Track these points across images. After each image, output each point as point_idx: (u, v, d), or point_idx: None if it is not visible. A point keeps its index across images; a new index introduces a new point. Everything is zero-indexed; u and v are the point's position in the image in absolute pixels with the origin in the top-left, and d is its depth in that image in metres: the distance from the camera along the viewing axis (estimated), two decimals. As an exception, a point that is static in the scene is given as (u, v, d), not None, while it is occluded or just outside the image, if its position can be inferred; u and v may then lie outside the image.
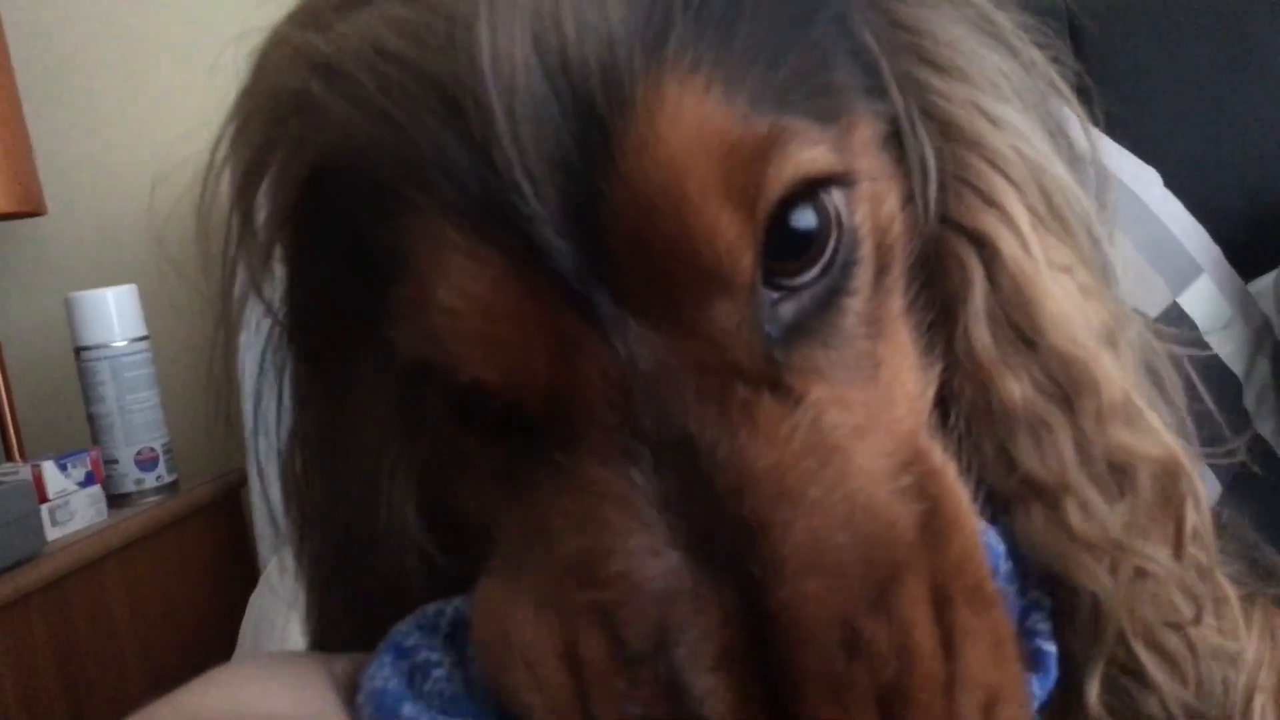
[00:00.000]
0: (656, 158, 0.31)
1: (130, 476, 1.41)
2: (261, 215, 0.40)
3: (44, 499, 1.24)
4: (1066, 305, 0.38)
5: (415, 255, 0.33)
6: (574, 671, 0.32)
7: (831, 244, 0.35)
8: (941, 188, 0.38)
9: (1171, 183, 1.17)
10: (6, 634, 1.12)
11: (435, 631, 0.36)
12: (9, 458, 1.44)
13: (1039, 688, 0.35)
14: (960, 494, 0.35)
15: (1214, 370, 1.07)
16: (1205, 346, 0.43)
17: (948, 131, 0.39)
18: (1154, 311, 1.07)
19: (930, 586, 0.32)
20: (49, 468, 1.27)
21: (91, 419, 1.41)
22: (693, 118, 0.32)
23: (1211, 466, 1.10)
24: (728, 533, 0.31)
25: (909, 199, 0.38)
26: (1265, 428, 1.07)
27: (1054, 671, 0.35)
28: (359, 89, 0.34)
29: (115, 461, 1.40)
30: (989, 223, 0.38)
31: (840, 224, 0.35)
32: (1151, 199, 1.13)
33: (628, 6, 0.32)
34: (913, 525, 0.33)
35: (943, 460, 0.36)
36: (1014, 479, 0.37)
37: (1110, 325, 0.39)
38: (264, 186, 0.39)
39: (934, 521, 0.33)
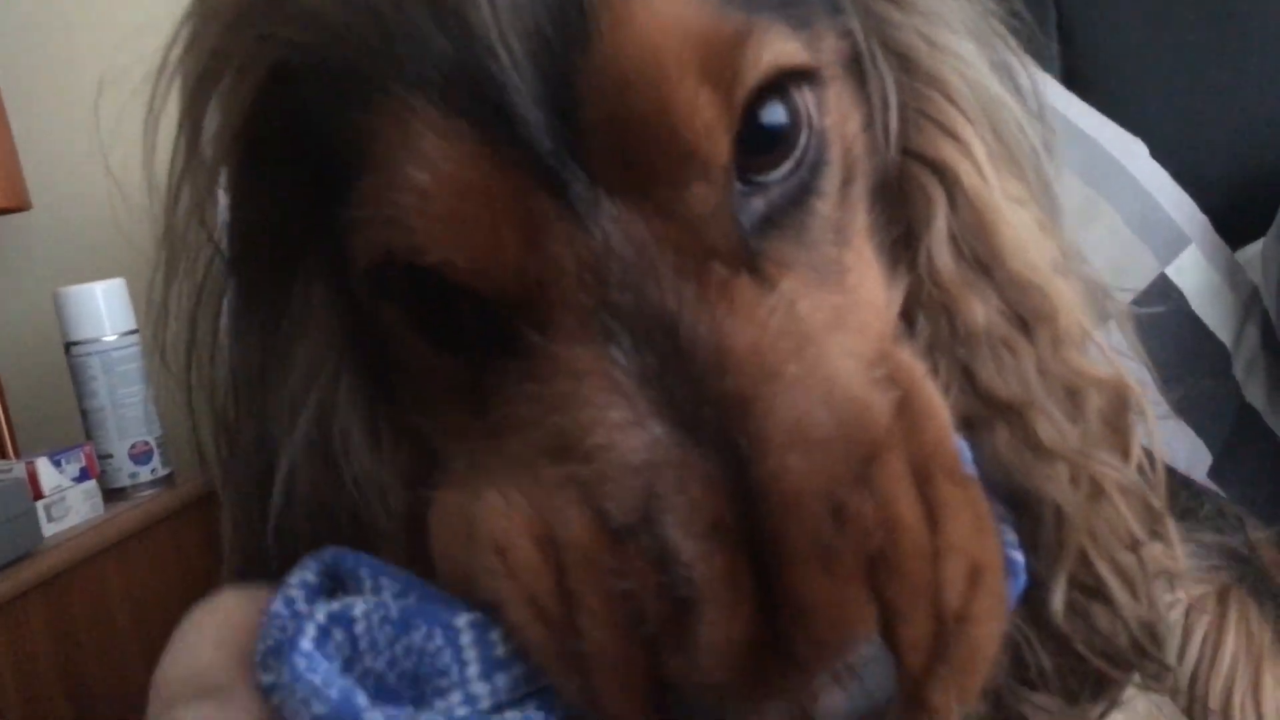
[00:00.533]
0: (635, 35, 0.31)
1: (125, 470, 1.40)
2: (210, 131, 0.39)
3: (39, 495, 1.24)
4: (1023, 233, 0.40)
5: (382, 140, 0.33)
6: (549, 553, 0.31)
7: (802, 142, 0.35)
8: (902, 119, 0.39)
9: (1158, 153, 1.18)
10: (6, 630, 1.12)
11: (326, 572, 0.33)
12: (2, 455, 1.43)
13: (1010, 593, 0.35)
14: (931, 387, 0.36)
15: (1202, 339, 1.08)
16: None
17: (906, 65, 0.40)
18: (1143, 283, 1.07)
19: (910, 464, 0.32)
20: (43, 464, 1.27)
21: (84, 414, 1.41)
22: (670, 4, 0.32)
23: (1202, 436, 1.11)
24: (711, 407, 0.31)
25: (869, 124, 0.39)
26: (1254, 396, 1.08)
27: (1023, 577, 0.35)
28: None
29: (110, 456, 1.40)
30: (949, 153, 0.40)
31: (810, 124, 0.36)
32: (1138, 170, 1.13)
33: None
34: (888, 410, 0.33)
35: (912, 360, 0.37)
36: (979, 399, 0.39)
37: (1060, 258, 0.41)
38: (215, 99, 0.39)
39: (908, 408, 0.33)
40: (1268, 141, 1.21)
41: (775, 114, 0.34)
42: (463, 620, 0.30)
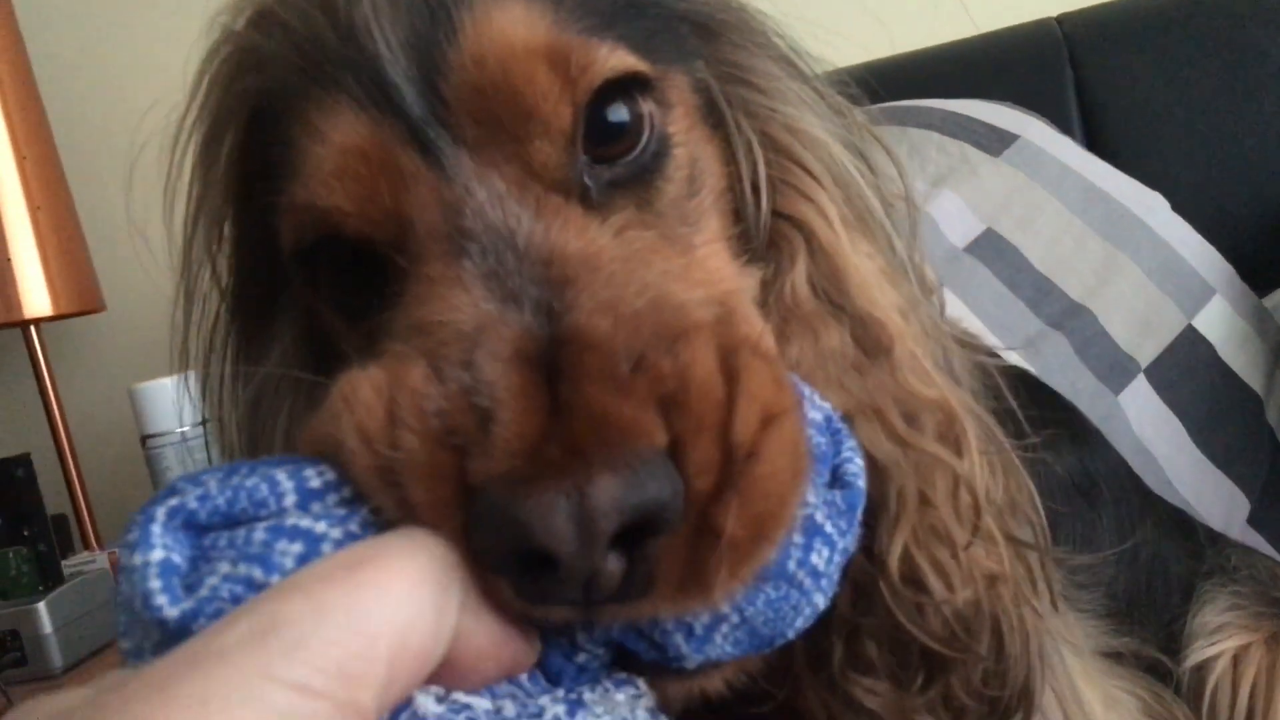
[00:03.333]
0: (493, 30, 0.39)
1: (200, 556, 1.47)
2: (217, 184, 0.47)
3: (121, 585, 1.31)
4: (868, 277, 0.46)
5: (300, 137, 0.40)
6: (384, 396, 0.33)
7: (644, 138, 0.42)
8: (771, 186, 0.47)
9: (1181, 204, 1.20)
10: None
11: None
12: (86, 547, 1.50)
13: (845, 503, 0.36)
14: (762, 327, 0.38)
15: (1234, 388, 1.09)
16: (996, 357, 0.53)
17: (770, 143, 0.47)
18: (1170, 337, 1.09)
19: (718, 347, 0.34)
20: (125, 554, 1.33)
21: (160, 503, 1.48)
22: (523, 18, 0.40)
23: (1239, 484, 1.12)
24: (536, 286, 0.35)
25: (730, 167, 0.46)
26: (1290, 441, 1.09)
27: (860, 501, 0.36)
28: (273, 20, 0.43)
29: (185, 543, 1.46)
30: (806, 212, 0.47)
31: (653, 125, 0.43)
32: (1158, 224, 1.15)
33: None
34: (708, 317, 0.35)
35: (760, 324, 0.39)
36: (851, 400, 0.43)
37: (903, 305, 0.47)
38: (220, 163, 0.47)
39: (728, 319, 0.36)
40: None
41: (619, 112, 0.42)
42: (281, 467, 0.32)
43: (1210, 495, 1.04)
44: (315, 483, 0.32)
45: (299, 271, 0.44)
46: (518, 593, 0.30)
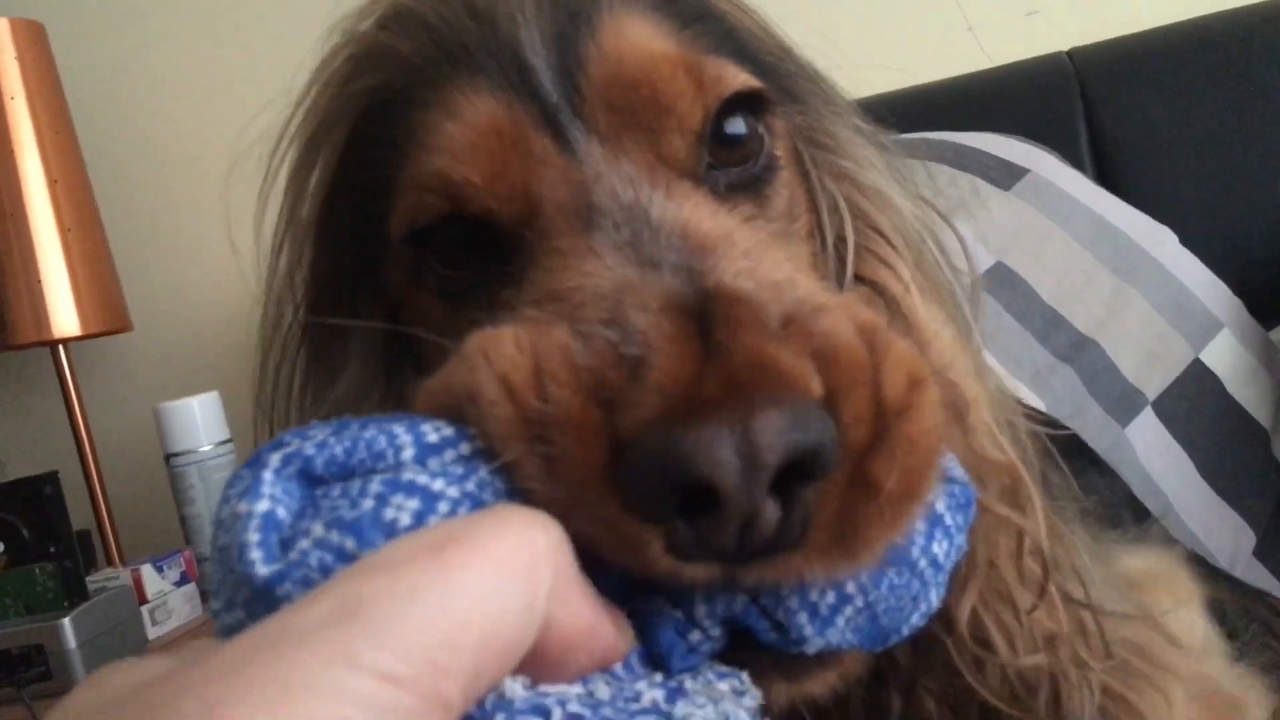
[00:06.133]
0: (632, 35, 0.42)
1: (220, 573, 1.49)
2: (307, 202, 0.49)
3: (143, 600, 1.33)
4: (944, 342, 0.46)
5: (431, 118, 0.42)
6: (527, 351, 0.32)
7: (759, 152, 0.45)
8: (854, 251, 0.48)
9: (1190, 237, 1.21)
10: (116, 731, 1.20)
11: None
12: (109, 563, 1.53)
13: (964, 496, 0.35)
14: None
15: (1240, 421, 1.10)
16: (1062, 427, 0.53)
17: (851, 208, 0.49)
18: (1177, 370, 1.10)
19: (855, 323, 0.33)
20: (147, 570, 1.36)
21: (183, 520, 1.50)
22: (656, 31, 0.43)
23: (1245, 517, 1.12)
24: (675, 253, 0.36)
25: (815, 219, 0.48)
26: (1297, 477, 1.09)
27: (973, 501, 0.36)
28: (409, 17, 0.45)
29: (208, 559, 1.48)
30: (886, 278, 0.48)
31: (762, 144, 0.45)
32: (1166, 258, 1.17)
33: None
34: (837, 302, 0.35)
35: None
36: None
37: (975, 369, 0.48)
38: (318, 166, 0.48)
39: (853, 305, 0.35)
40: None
41: (738, 125, 0.44)
42: (397, 422, 0.31)
43: (1217, 528, 1.05)
44: (433, 437, 0.31)
45: (406, 255, 0.44)
46: (671, 545, 0.29)
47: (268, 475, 0.29)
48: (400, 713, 0.23)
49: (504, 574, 0.26)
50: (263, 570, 0.27)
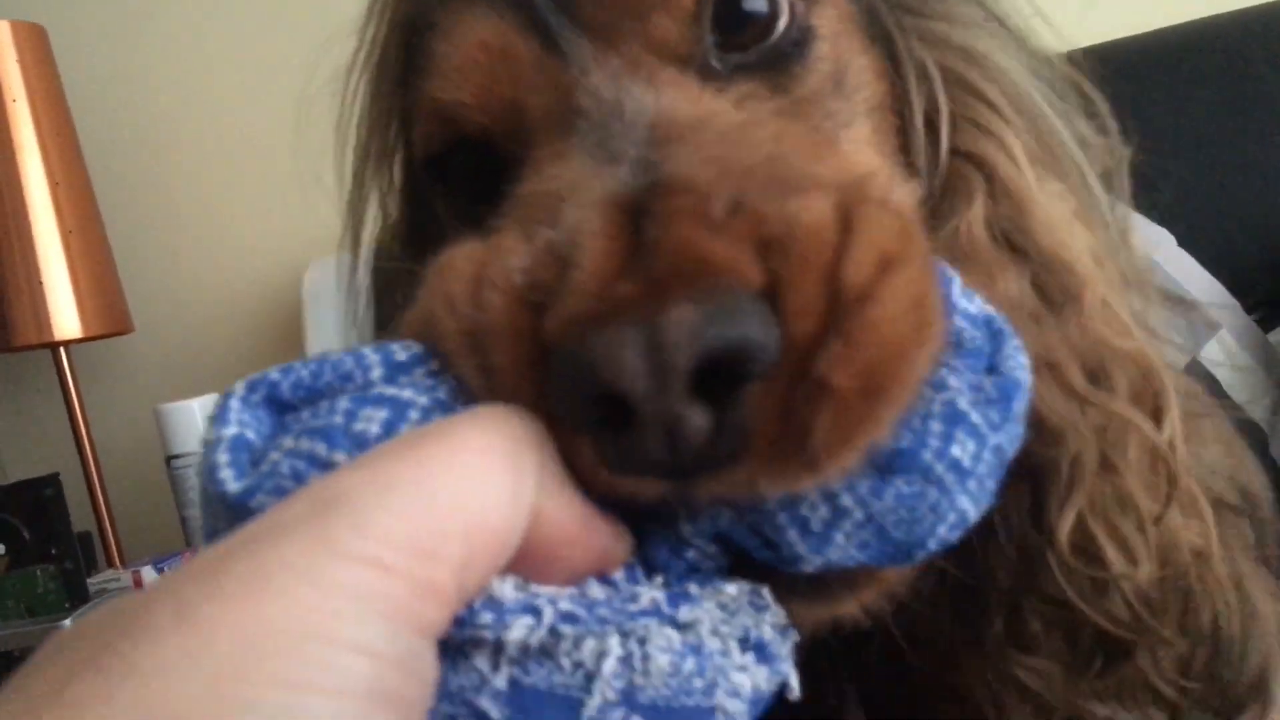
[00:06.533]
0: None
1: (221, 574, 1.50)
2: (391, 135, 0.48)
3: (145, 602, 1.34)
4: (1056, 218, 0.41)
5: (431, 41, 0.41)
6: (479, 266, 0.31)
7: (780, 25, 0.40)
8: (949, 122, 0.43)
9: (1188, 238, 1.21)
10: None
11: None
12: (110, 565, 1.54)
13: (997, 390, 0.30)
14: (898, 192, 0.34)
15: (1238, 422, 1.10)
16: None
17: (945, 75, 0.44)
18: (1210, 333, 1.10)
19: (837, 202, 0.29)
20: (148, 572, 1.36)
21: (184, 522, 1.50)
22: None
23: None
24: (637, 146, 0.33)
25: (891, 98, 0.43)
26: (1294, 475, 1.10)
27: (1018, 392, 0.31)
28: None
29: (207, 560, 1.49)
30: (987, 148, 0.43)
31: (793, 14, 0.40)
32: (1165, 259, 1.17)
33: None
34: (831, 180, 0.31)
35: (898, 192, 0.34)
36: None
37: (1098, 249, 0.42)
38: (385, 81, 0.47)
39: (857, 182, 0.31)
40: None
41: (755, 1, 0.40)
42: (367, 346, 0.30)
43: (1214, 527, 1.05)
44: (401, 356, 0.30)
45: (431, 183, 0.44)
46: (601, 458, 0.26)
47: (234, 403, 0.29)
48: (391, 600, 0.22)
49: (485, 461, 0.25)
50: (234, 486, 0.27)
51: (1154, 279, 0.46)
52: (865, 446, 0.27)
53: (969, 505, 0.29)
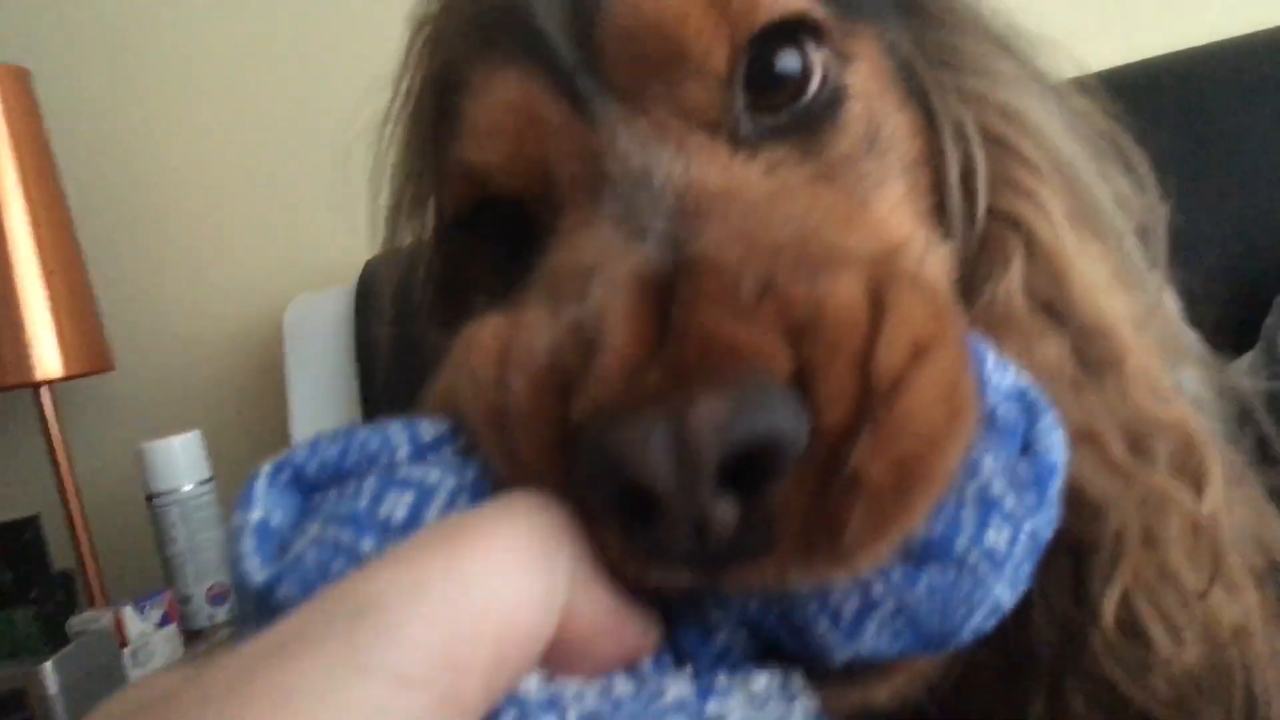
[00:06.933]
0: None
1: (203, 613, 1.50)
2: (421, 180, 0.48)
3: (124, 643, 1.34)
4: (1095, 282, 0.41)
5: (460, 100, 0.40)
6: (503, 340, 0.30)
7: (813, 87, 0.40)
8: (986, 181, 0.42)
9: (1148, 274, 1.23)
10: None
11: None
12: (91, 603, 1.54)
13: (1031, 473, 0.30)
14: (931, 268, 0.34)
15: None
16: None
17: (988, 134, 0.43)
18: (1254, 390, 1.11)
19: (869, 280, 0.29)
20: (128, 612, 1.37)
21: (165, 561, 1.51)
22: None
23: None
24: (664, 219, 0.32)
25: (928, 155, 0.42)
26: (1253, 505, 1.11)
27: (1053, 476, 0.30)
28: (449, 9, 0.45)
29: (189, 599, 1.49)
30: (1025, 209, 0.42)
31: (826, 76, 0.40)
32: (1125, 295, 1.19)
33: None
34: (864, 254, 0.30)
35: (932, 266, 0.35)
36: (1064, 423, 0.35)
37: (1138, 314, 0.42)
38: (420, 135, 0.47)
39: (889, 256, 0.31)
40: (1253, 258, 1.26)
41: (787, 60, 0.39)
42: (396, 423, 0.29)
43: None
44: (429, 435, 0.29)
45: (462, 242, 0.43)
46: (628, 548, 0.26)
47: (259, 485, 0.28)
48: (411, 715, 0.21)
49: (519, 558, 0.24)
50: (259, 576, 0.26)
51: (1187, 339, 0.46)
52: (899, 538, 0.27)
53: (1004, 592, 0.28)
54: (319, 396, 1.51)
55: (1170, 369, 0.43)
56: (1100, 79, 1.39)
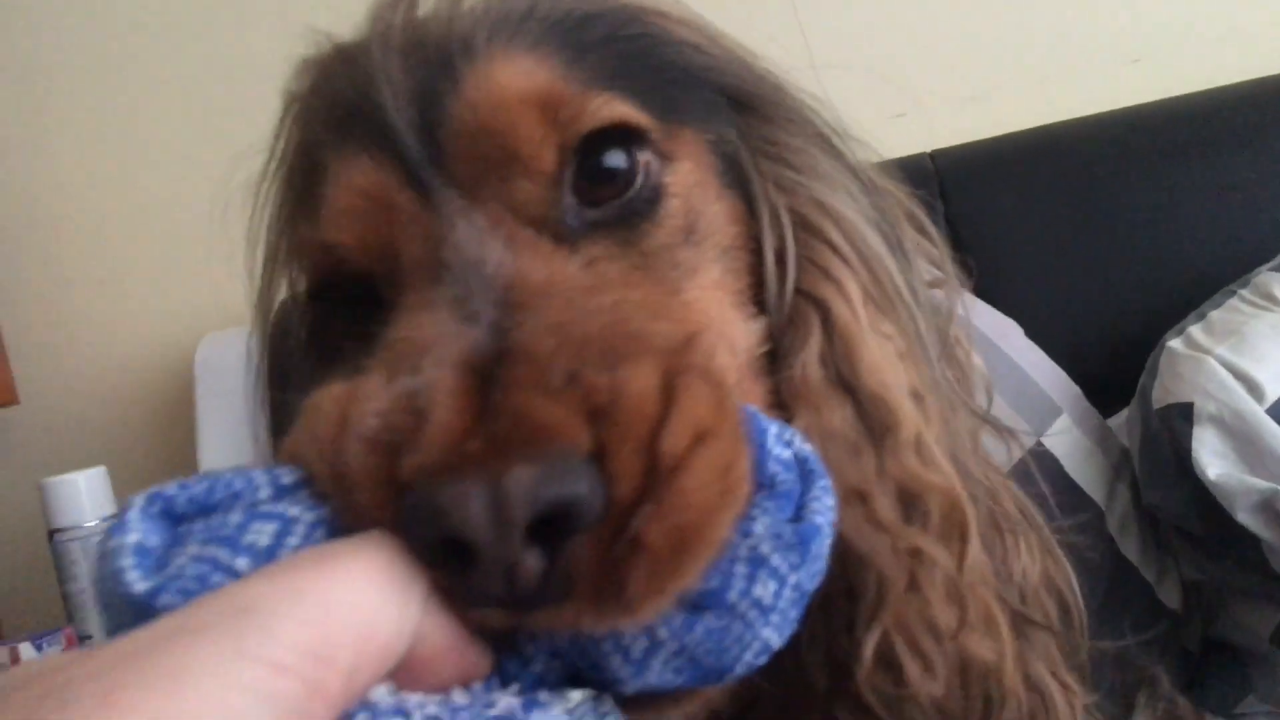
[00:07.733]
0: (490, 81, 0.43)
1: (102, 651, 1.47)
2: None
3: (21, 681, 1.31)
4: (880, 358, 0.47)
5: (319, 182, 0.44)
6: (342, 407, 0.34)
7: (636, 186, 0.45)
8: (796, 263, 0.48)
9: (1034, 330, 1.31)
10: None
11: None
12: (-12, 641, 1.50)
13: (796, 537, 0.35)
14: (723, 360, 0.40)
15: (1077, 499, 1.18)
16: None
17: (797, 219, 0.49)
18: (1020, 453, 1.18)
19: (664, 371, 0.34)
20: (26, 649, 1.34)
21: (65, 598, 1.47)
22: (524, 70, 0.43)
23: (1084, 585, 1.20)
24: (495, 308, 0.37)
25: (749, 231, 0.48)
26: (1129, 551, 1.19)
27: (816, 537, 0.35)
28: (316, 80, 0.48)
29: (89, 637, 1.46)
30: (827, 291, 0.48)
31: (648, 175, 0.45)
32: (1012, 349, 1.26)
33: (485, 11, 0.45)
34: (664, 345, 0.35)
35: (725, 358, 0.41)
36: (839, 482, 0.41)
37: (919, 387, 0.47)
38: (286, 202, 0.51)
39: (685, 347, 0.36)
40: (1132, 317, 1.34)
41: (615, 159, 0.44)
42: (256, 469, 0.33)
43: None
44: (287, 480, 0.33)
45: (322, 311, 0.48)
46: (451, 591, 0.30)
47: (133, 514, 0.32)
48: (285, 698, 0.25)
49: (379, 583, 0.29)
50: (141, 586, 0.30)
51: (986, 388, 0.52)
52: (675, 593, 0.32)
53: (772, 635, 0.34)
54: (228, 434, 1.50)
55: (957, 437, 0.48)
56: (1006, 141, 1.45)
